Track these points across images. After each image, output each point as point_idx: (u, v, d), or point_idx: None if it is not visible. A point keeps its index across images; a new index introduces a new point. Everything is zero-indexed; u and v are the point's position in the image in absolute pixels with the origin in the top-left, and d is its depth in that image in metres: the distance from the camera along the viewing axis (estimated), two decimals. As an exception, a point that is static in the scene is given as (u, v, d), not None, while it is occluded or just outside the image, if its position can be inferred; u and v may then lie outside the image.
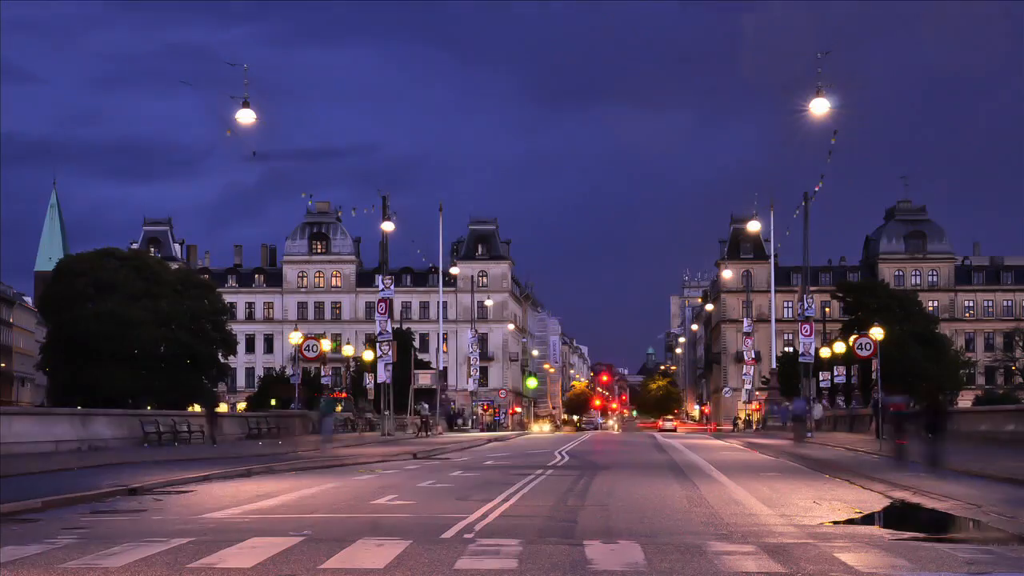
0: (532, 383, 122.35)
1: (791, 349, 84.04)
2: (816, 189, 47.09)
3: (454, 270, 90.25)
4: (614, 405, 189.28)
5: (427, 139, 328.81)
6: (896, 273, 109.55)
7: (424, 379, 70.22)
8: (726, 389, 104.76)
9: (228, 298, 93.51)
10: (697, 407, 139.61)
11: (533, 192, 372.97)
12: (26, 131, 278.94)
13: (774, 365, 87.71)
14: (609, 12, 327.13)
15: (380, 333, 50.80)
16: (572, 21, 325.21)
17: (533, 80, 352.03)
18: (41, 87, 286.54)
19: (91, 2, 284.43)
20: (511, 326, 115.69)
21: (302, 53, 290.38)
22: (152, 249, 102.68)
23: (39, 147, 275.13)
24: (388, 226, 52.81)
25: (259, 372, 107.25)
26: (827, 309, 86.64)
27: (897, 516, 14.29)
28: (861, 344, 42.15)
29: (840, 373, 57.37)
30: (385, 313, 51.00)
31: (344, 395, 74.21)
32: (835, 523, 12.94)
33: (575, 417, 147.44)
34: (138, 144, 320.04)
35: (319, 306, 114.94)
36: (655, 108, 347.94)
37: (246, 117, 30.71)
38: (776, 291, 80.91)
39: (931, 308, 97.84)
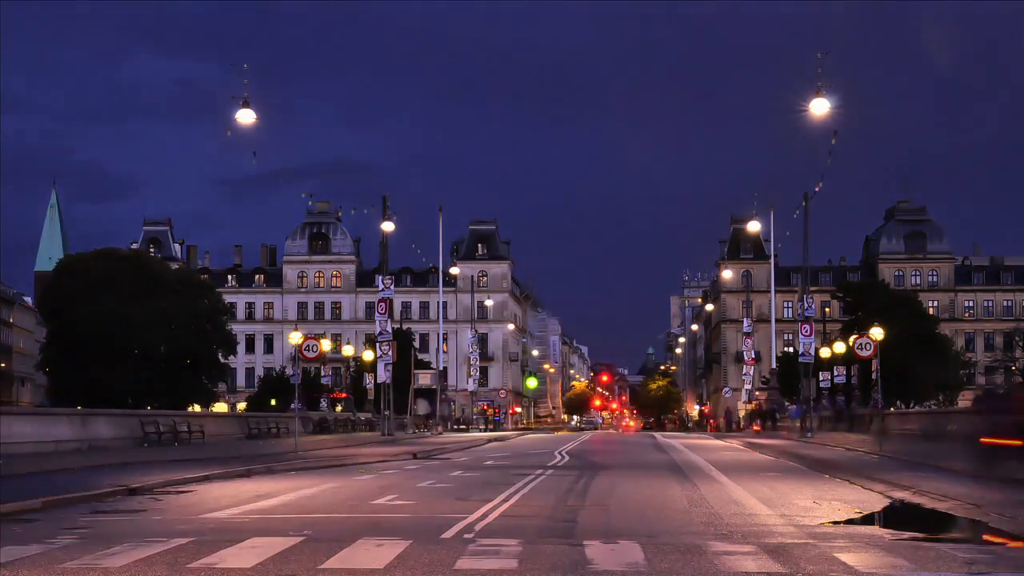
0: (532, 383, 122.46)
1: (791, 349, 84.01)
2: (816, 189, 47.13)
3: (454, 270, 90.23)
4: (614, 405, 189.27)
5: (426, 149, 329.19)
6: (896, 273, 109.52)
7: (424, 379, 70.23)
8: (726, 389, 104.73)
9: (228, 298, 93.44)
10: (697, 407, 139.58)
11: (533, 193, 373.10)
12: (24, 149, 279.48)
13: (774, 365, 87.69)
14: (608, 11, 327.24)
15: (380, 333, 50.81)
16: (570, 23, 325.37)
17: (530, 82, 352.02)
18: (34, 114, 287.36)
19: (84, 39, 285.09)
20: (511, 326, 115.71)
21: (294, 80, 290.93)
22: (152, 249, 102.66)
23: (36, 161, 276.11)
24: (388, 226, 52.84)
25: (259, 372, 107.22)
26: (827, 309, 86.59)
27: (897, 516, 14.29)
28: (861, 344, 42.15)
29: (840, 373, 57.33)
30: (385, 313, 51.02)
31: (344, 395, 74.30)
32: (835, 523, 12.94)
33: (576, 417, 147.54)
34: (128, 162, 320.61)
35: (319, 306, 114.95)
36: (655, 107, 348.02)
37: (246, 117, 30.67)
38: (776, 291, 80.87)
39: (931, 308, 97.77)
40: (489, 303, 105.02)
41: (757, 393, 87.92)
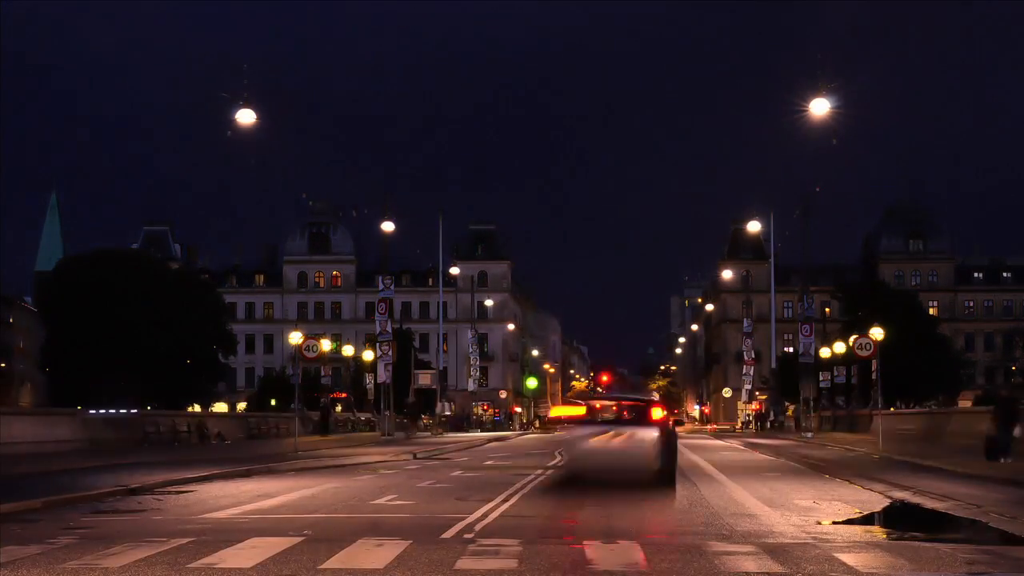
0: (532, 383, 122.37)
1: (791, 349, 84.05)
2: (816, 190, 47.28)
3: (454, 270, 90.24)
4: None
5: (425, 147, 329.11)
6: (896, 273, 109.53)
7: (424, 379, 70.19)
8: (726, 389, 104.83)
9: (228, 298, 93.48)
10: (697, 407, 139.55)
11: (532, 192, 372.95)
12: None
13: (774, 365, 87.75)
14: (609, 11, 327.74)
15: (380, 333, 50.86)
16: (571, 23, 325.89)
17: (529, 81, 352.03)
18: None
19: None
20: (511, 326, 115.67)
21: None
22: (152, 249, 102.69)
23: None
24: (388, 226, 52.91)
25: (259, 372, 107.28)
26: (827, 309, 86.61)
27: (897, 516, 14.28)
28: (861, 344, 42.15)
29: (840, 373, 57.42)
30: (385, 313, 51.07)
31: (344, 395, 74.37)
32: (835, 523, 12.93)
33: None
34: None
35: (319, 306, 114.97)
36: (655, 107, 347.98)
37: (246, 118, 30.61)
38: (776, 291, 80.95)
39: (931, 308, 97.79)
40: (489, 303, 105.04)
41: (757, 393, 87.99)
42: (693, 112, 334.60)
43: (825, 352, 57.11)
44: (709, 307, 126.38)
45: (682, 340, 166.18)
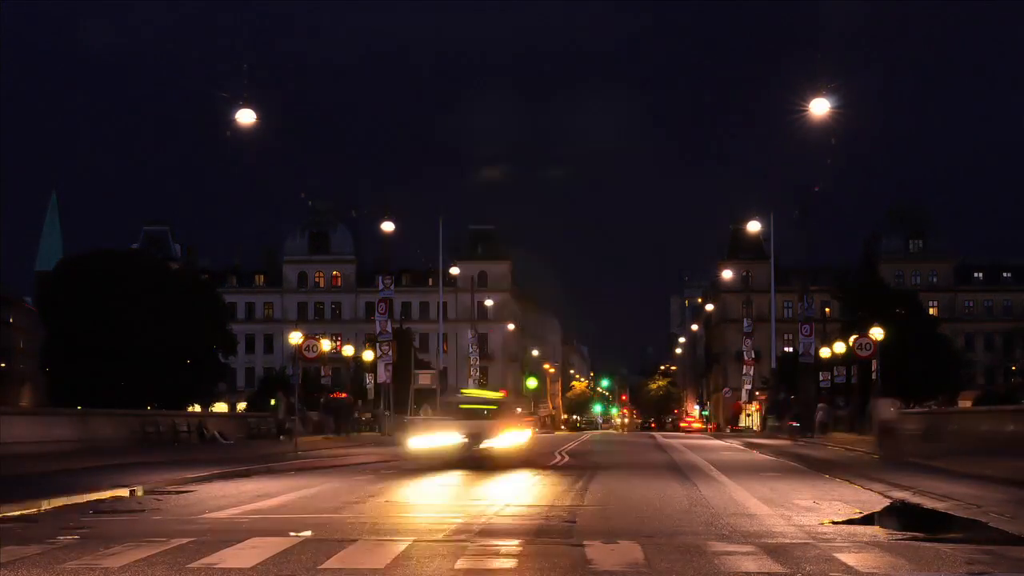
0: (532, 383, 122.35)
1: (791, 349, 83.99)
2: (816, 189, 47.34)
3: (454, 270, 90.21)
4: (615, 409, 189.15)
5: (425, 145, 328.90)
6: (896, 273, 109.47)
7: (424, 379, 70.14)
8: (726, 389, 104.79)
9: (228, 298, 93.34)
10: (697, 407, 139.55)
11: (532, 192, 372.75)
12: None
13: (774, 365, 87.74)
14: (612, 10, 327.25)
15: (380, 333, 50.91)
16: (573, 20, 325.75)
17: (530, 81, 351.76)
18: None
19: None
20: (511, 326, 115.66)
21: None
22: (152, 249, 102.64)
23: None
24: (388, 226, 52.93)
25: (259, 372, 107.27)
26: (827, 309, 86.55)
27: (897, 516, 14.27)
28: (861, 344, 42.22)
29: (840, 373, 57.37)
30: (385, 313, 51.12)
31: (344, 395, 74.21)
32: (835, 523, 12.93)
33: (575, 417, 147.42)
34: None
35: (319, 306, 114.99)
36: (655, 106, 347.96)
37: (246, 118, 30.59)
38: (776, 291, 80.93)
39: (931, 308, 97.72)
40: (489, 303, 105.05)
41: (757, 393, 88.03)
42: (693, 112, 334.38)
43: (825, 352, 57.08)
44: (709, 307, 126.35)
45: (682, 340, 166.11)
